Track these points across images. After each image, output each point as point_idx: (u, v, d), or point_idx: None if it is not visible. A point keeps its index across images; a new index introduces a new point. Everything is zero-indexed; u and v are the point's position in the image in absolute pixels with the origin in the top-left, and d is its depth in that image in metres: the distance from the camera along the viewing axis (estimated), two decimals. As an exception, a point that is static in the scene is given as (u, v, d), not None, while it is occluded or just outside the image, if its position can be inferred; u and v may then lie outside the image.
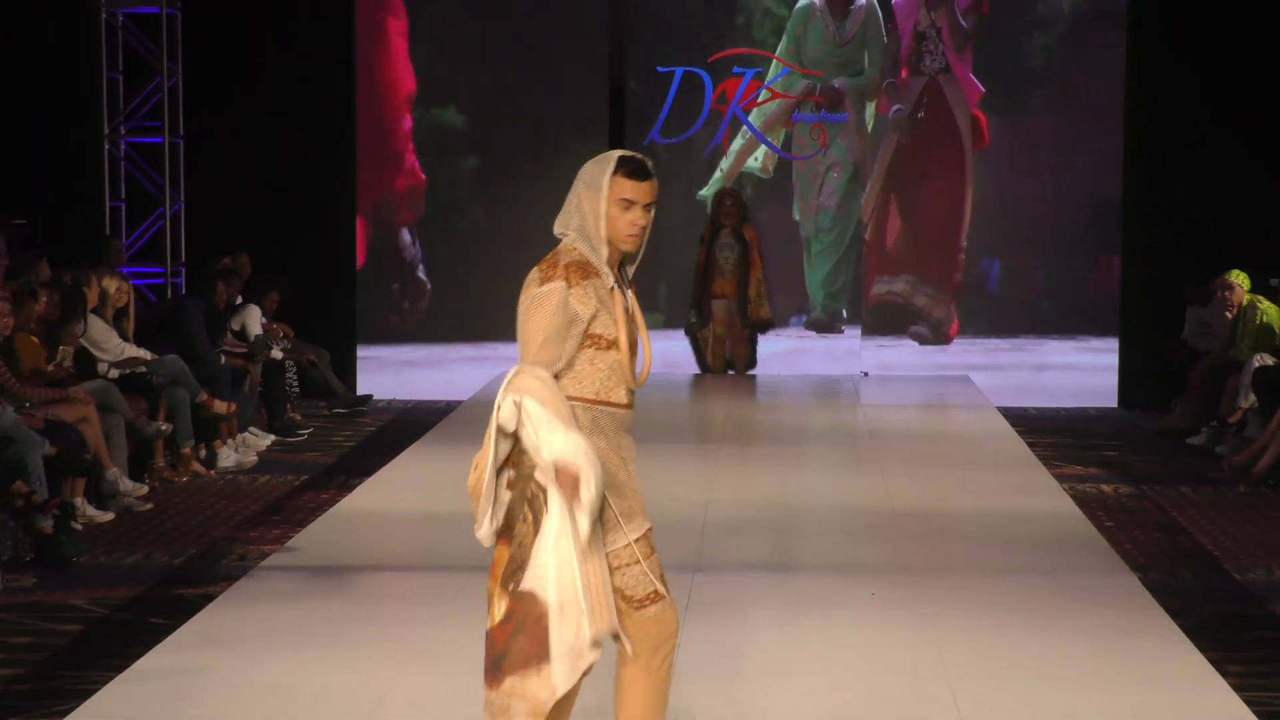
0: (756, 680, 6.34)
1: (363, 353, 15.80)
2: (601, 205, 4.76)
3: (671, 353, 15.49)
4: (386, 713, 5.99)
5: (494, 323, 15.69)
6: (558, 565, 4.61)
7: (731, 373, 15.45)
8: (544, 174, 15.79)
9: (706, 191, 15.93)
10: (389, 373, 15.81)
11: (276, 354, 13.57)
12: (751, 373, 15.48)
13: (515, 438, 4.67)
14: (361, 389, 15.42)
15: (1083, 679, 6.42)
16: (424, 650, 6.74)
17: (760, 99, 15.94)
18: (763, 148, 15.99)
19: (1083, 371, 15.77)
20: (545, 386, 4.63)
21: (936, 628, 7.10)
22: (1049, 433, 13.71)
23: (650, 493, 4.55)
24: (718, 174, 16.04)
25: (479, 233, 15.96)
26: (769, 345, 15.68)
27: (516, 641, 4.66)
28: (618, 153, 4.82)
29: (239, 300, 13.58)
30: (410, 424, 13.67)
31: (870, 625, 7.19)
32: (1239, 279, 13.28)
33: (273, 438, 13.03)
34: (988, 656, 6.69)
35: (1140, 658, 6.71)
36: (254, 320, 13.53)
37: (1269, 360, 12.38)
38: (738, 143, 16.05)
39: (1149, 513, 10.48)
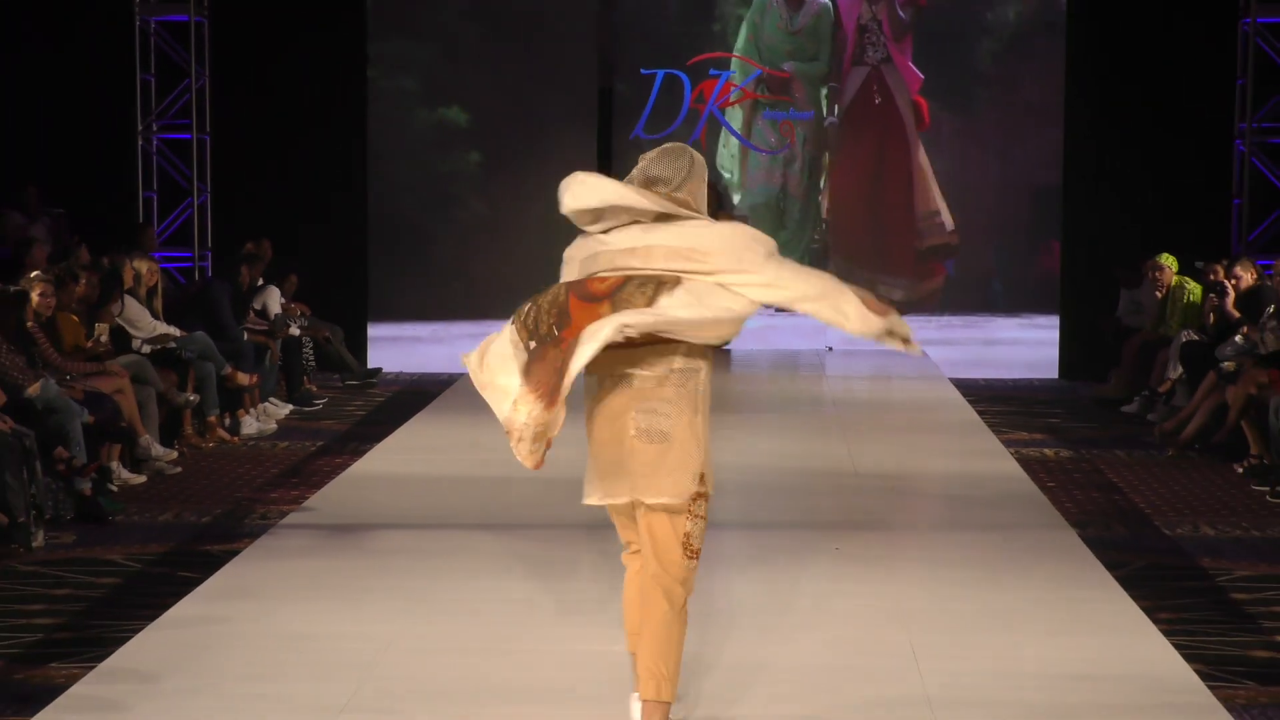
0: (726, 629, 6.31)
1: (373, 330, 15.75)
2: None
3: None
4: (393, 656, 5.96)
5: (493, 302, 15.63)
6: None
7: None
8: (539, 167, 15.73)
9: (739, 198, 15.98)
10: (397, 348, 15.76)
11: (295, 331, 13.51)
12: (726, 348, 15.42)
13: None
14: (372, 363, 15.36)
15: (1027, 626, 6.41)
16: (427, 600, 6.71)
17: (734, 98, 15.89)
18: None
19: (1027, 346, 15.76)
20: None
21: (894, 580, 7.08)
22: (997, 401, 13.68)
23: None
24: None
25: (480, 221, 15.90)
26: (742, 323, 15.62)
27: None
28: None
29: (261, 282, 13.51)
30: (416, 394, 13.63)
31: (834, 577, 7.16)
32: (1168, 261, 13.27)
33: (291, 407, 12.99)
34: (942, 605, 6.67)
35: (1080, 606, 6.69)
36: (274, 300, 13.47)
37: (1195, 335, 12.37)
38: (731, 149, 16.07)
39: (1087, 474, 10.46)
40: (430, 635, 6.23)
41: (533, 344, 4.86)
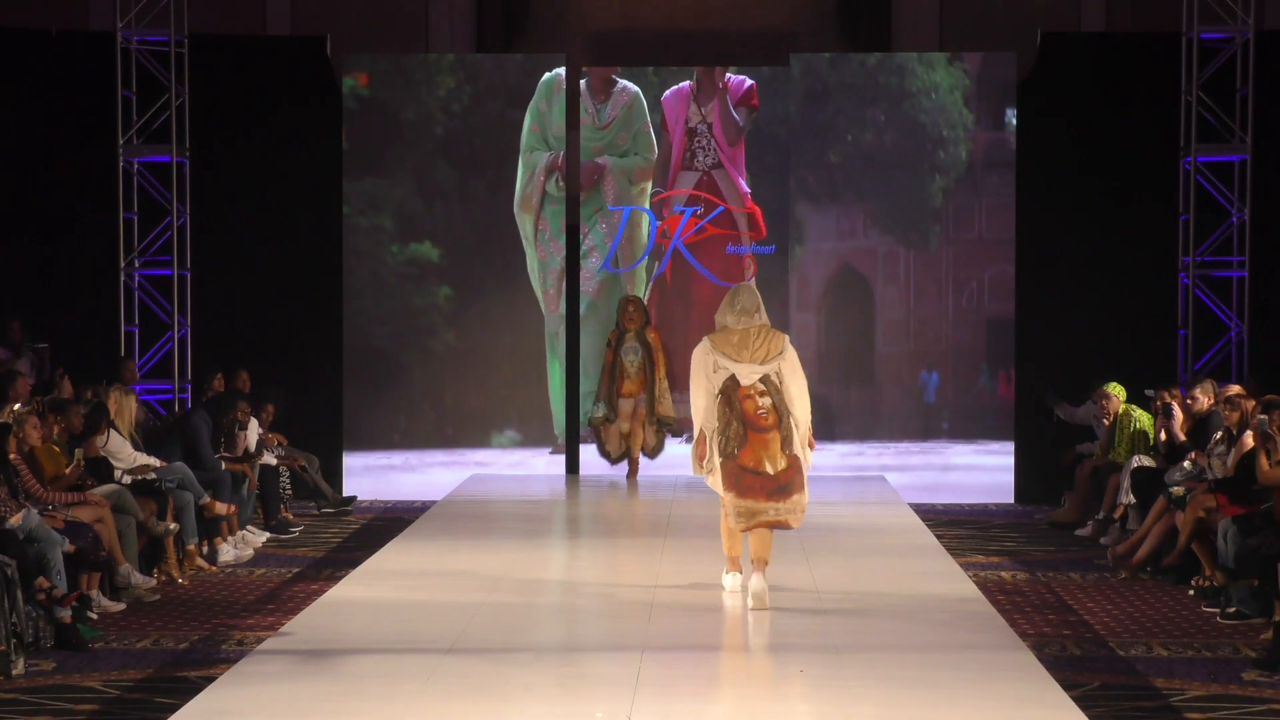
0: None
1: (348, 458, 15.73)
2: None
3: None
4: (369, 781, 5.92)
5: (464, 431, 15.65)
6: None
7: (631, 461, 14.68)
8: (509, 300, 15.83)
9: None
10: (371, 476, 15.73)
11: (271, 460, 13.50)
12: (693, 475, 15.26)
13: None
14: (347, 491, 15.34)
15: (986, 744, 6.39)
16: (403, 724, 6.68)
17: (698, 233, 15.95)
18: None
19: (983, 471, 15.78)
20: None
21: (857, 701, 7.06)
22: (954, 525, 13.72)
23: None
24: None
25: (451, 352, 15.94)
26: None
27: (797, 477, 8.61)
28: None
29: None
30: (391, 521, 13.60)
31: (798, 699, 7.15)
32: (1115, 390, 13.38)
33: (268, 535, 12.96)
34: (902, 725, 6.65)
35: (1037, 725, 6.68)
36: (252, 431, 13.46)
37: (1145, 461, 12.44)
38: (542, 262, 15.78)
39: (1042, 595, 10.48)
40: (404, 758, 6.19)
41: (719, 459, 8.69)
